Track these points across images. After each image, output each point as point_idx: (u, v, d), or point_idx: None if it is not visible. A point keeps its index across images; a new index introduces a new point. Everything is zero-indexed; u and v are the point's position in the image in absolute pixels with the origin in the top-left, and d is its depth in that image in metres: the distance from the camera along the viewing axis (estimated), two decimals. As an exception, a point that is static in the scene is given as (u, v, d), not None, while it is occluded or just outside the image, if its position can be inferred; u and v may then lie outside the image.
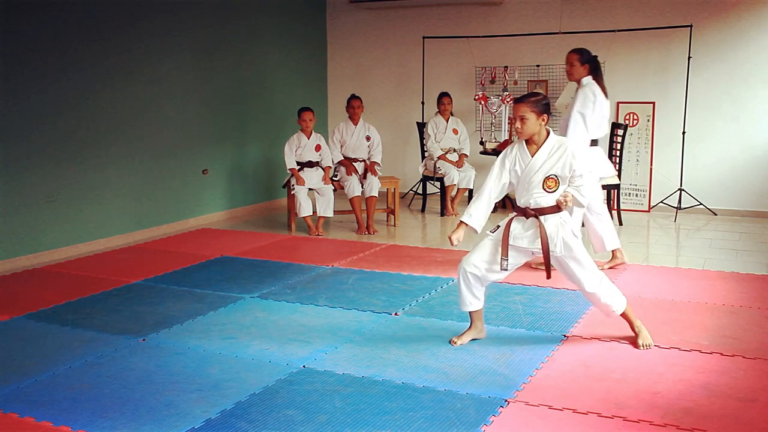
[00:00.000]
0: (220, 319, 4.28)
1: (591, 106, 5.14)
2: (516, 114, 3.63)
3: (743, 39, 7.61)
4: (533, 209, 3.67)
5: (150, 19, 6.75)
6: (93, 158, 6.25)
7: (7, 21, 5.51)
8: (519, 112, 3.62)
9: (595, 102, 5.15)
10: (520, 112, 3.62)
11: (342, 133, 7.28)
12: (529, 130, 3.64)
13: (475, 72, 8.76)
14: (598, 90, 5.18)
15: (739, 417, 2.98)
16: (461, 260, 3.81)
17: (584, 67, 5.23)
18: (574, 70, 5.25)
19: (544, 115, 3.63)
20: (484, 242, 3.79)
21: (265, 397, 3.18)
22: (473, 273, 3.75)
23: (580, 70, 5.23)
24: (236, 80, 7.96)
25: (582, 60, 5.22)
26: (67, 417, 3.01)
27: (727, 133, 7.79)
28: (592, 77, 5.23)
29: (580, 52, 5.26)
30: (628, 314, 3.83)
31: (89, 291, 4.89)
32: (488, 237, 3.79)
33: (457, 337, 3.86)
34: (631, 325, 3.84)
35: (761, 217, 7.65)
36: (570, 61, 5.26)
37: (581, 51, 5.27)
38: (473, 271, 3.75)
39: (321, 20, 9.50)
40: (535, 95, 3.66)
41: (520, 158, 3.71)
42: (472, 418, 2.96)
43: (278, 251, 6.13)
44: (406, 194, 9.03)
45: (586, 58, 5.23)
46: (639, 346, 3.76)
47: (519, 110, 3.62)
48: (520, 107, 3.62)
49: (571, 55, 5.27)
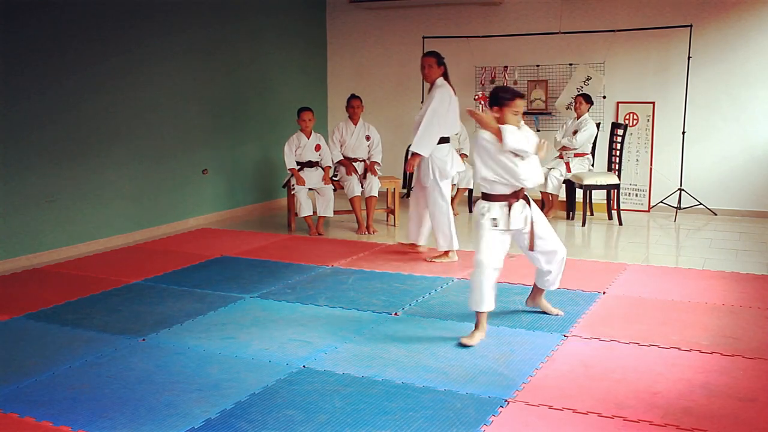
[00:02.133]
0: (220, 319, 4.28)
1: (446, 105, 5.48)
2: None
3: (743, 39, 7.61)
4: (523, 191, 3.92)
5: (150, 19, 6.76)
6: (93, 158, 6.25)
7: (8, 21, 5.51)
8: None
9: (450, 102, 5.51)
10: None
11: (342, 133, 7.28)
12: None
13: (475, 72, 8.76)
14: (451, 91, 5.56)
15: (738, 417, 2.98)
16: (478, 259, 3.83)
17: (440, 69, 5.55)
18: (431, 72, 5.55)
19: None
20: (490, 236, 3.84)
21: (265, 397, 3.18)
22: (497, 268, 3.85)
23: (437, 71, 5.54)
24: (236, 80, 7.96)
25: (438, 62, 5.54)
26: (67, 417, 3.01)
27: (727, 133, 7.79)
28: (444, 78, 5.56)
29: (435, 55, 5.58)
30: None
31: (89, 291, 4.89)
32: (489, 229, 3.84)
33: (467, 338, 3.83)
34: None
35: (761, 217, 7.66)
36: (428, 64, 5.55)
37: (436, 54, 5.60)
38: (498, 265, 3.85)
39: (321, 20, 9.51)
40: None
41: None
42: (472, 418, 2.96)
43: (278, 251, 6.13)
44: (406, 194, 9.02)
45: (441, 61, 5.57)
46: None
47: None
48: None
49: (428, 58, 5.57)
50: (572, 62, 8.26)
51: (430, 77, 5.57)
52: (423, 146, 5.47)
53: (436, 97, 5.47)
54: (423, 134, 5.45)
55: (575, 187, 7.53)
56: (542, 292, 4.33)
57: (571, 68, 8.26)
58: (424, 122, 5.44)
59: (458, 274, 5.25)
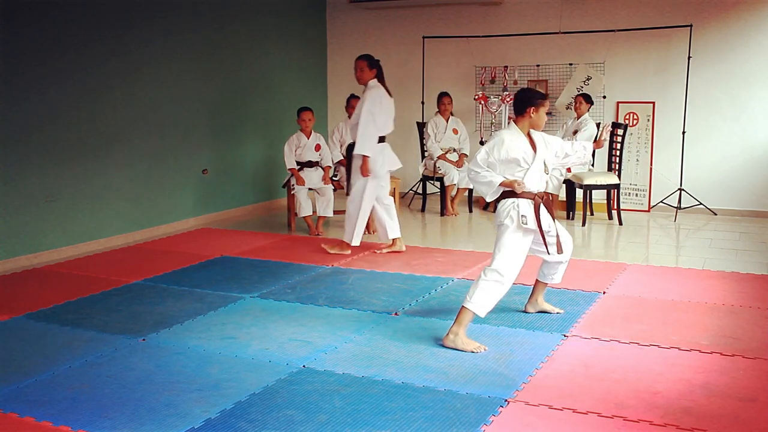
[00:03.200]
0: (220, 319, 4.28)
1: (379, 106, 5.67)
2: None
3: (743, 39, 7.61)
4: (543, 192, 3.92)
5: (150, 19, 6.76)
6: (93, 158, 6.25)
7: (8, 22, 5.51)
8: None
9: (382, 102, 5.69)
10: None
11: (342, 133, 7.28)
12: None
13: (475, 72, 8.76)
14: (384, 92, 5.73)
15: (738, 417, 2.98)
16: (502, 270, 3.75)
17: (372, 72, 5.74)
18: (363, 75, 5.74)
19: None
20: (517, 243, 3.78)
21: (265, 397, 3.18)
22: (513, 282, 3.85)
23: (369, 74, 5.73)
24: (236, 80, 7.96)
25: (370, 65, 5.73)
26: (67, 417, 3.01)
27: (726, 133, 7.79)
28: (377, 80, 5.74)
29: (367, 58, 5.77)
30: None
31: (89, 291, 4.89)
32: (515, 231, 3.78)
33: (475, 344, 3.77)
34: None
35: (761, 217, 7.66)
36: (360, 67, 5.74)
37: (368, 57, 5.78)
38: (515, 278, 3.83)
39: (321, 20, 9.51)
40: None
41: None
42: (472, 418, 2.96)
43: (278, 251, 6.13)
44: (406, 194, 9.03)
45: (374, 64, 5.75)
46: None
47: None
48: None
49: (360, 61, 5.75)
50: (572, 62, 8.26)
51: (363, 80, 5.75)
52: (366, 147, 5.67)
53: (368, 99, 5.65)
54: (363, 136, 5.64)
55: (575, 187, 7.53)
56: (543, 291, 4.32)
57: (571, 68, 8.26)
58: (361, 125, 5.63)
59: (458, 274, 5.26)
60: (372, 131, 5.66)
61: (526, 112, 3.84)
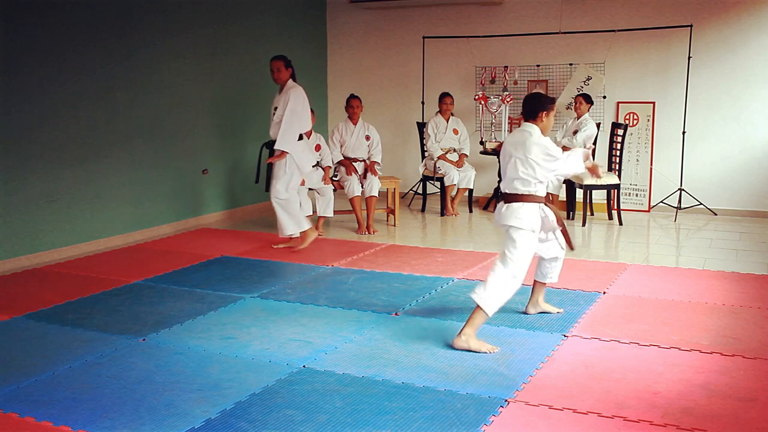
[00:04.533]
0: (220, 319, 4.28)
1: (302, 105, 5.95)
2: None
3: (743, 39, 7.61)
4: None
5: (150, 20, 6.75)
6: (93, 158, 6.25)
7: (8, 23, 5.51)
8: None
9: (304, 102, 5.99)
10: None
11: (342, 133, 7.28)
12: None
13: (475, 72, 8.76)
14: (303, 91, 6.00)
15: (738, 417, 2.98)
16: (518, 275, 3.76)
17: (288, 71, 5.99)
18: (281, 75, 5.99)
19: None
20: (530, 246, 3.80)
21: (265, 397, 3.18)
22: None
23: (285, 74, 5.99)
24: (236, 80, 7.96)
25: (286, 65, 5.98)
26: (67, 417, 3.01)
27: (727, 133, 7.79)
28: (292, 80, 6.01)
29: (283, 58, 6.01)
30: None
31: (89, 291, 4.89)
32: (534, 237, 3.81)
33: (488, 345, 3.76)
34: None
35: (761, 217, 7.66)
36: (276, 68, 5.98)
37: (284, 57, 6.03)
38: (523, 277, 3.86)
39: (321, 20, 9.50)
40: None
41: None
42: (472, 418, 2.96)
43: (278, 251, 6.13)
44: (406, 194, 9.03)
45: (289, 64, 6.01)
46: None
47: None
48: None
49: (276, 62, 5.99)
50: (572, 62, 8.26)
51: (281, 79, 6.00)
52: (287, 143, 5.92)
53: (292, 98, 5.89)
54: (285, 133, 5.87)
55: (575, 187, 7.53)
56: (543, 291, 4.33)
57: (572, 68, 8.27)
58: (284, 122, 5.87)
59: (458, 274, 5.26)
60: (295, 129, 5.92)
61: (539, 116, 3.88)
